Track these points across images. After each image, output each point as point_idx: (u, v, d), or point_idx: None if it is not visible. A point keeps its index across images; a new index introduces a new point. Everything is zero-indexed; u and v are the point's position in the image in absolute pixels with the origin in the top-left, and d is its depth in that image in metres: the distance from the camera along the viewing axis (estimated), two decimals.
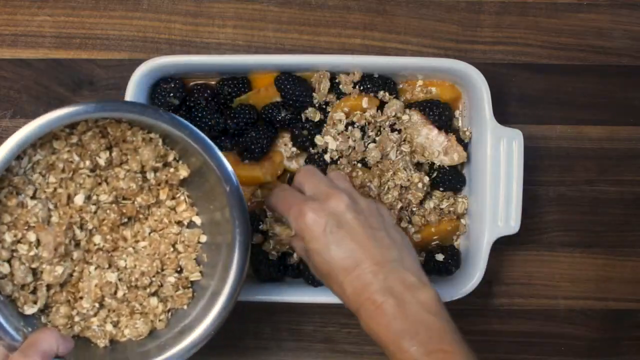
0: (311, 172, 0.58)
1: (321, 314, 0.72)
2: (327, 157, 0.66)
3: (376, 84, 0.67)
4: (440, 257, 0.68)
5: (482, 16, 0.73)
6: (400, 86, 0.69)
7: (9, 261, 0.55)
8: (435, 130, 0.67)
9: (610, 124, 0.74)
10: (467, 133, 0.69)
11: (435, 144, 0.67)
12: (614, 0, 0.74)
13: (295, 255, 0.67)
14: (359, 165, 0.67)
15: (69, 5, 0.72)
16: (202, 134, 0.56)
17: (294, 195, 0.57)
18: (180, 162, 0.60)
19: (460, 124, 0.70)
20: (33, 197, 0.56)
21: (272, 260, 0.67)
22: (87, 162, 0.57)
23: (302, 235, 0.55)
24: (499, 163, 0.66)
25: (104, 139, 0.57)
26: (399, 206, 0.66)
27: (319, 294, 0.66)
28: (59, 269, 0.56)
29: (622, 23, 0.74)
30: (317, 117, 0.66)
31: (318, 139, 0.66)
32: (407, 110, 0.68)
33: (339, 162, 0.66)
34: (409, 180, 0.66)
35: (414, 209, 0.67)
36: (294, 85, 0.66)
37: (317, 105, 0.67)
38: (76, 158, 0.57)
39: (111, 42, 0.72)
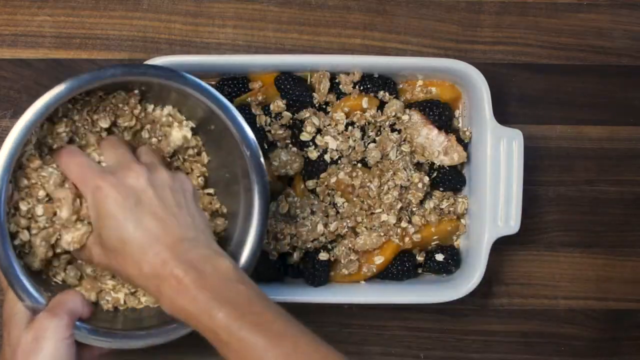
0: (112, 142, 0.56)
1: (321, 314, 0.72)
2: (327, 157, 0.66)
3: (376, 84, 0.67)
4: (440, 257, 0.68)
5: (482, 16, 0.73)
6: (400, 86, 0.69)
7: (27, 229, 0.54)
8: (435, 130, 0.67)
9: (610, 124, 0.74)
10: (467, 133, 0.69)
11: (435, 144, 0.67)
12: (614, 0, 0.74)
13: (295, 255, 0.67)
14: (359, 165, 0.67)
15: (69, 5, 0.72)
16: (225, 99, 0.56)
17: (89, 165, 0.54)
18: (202, 145, 0.60)
19: (460, 124, 0.70)
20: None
21: (272, 260, 0.66)
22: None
23: (96, 209, 0.52)
24: (499, 163, 0.66)
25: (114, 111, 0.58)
26: (398, 206, 0.66)
27: (319, 294, 0.66)
28: (80, 228, 0.54)
29: (622, 23, 0.74)
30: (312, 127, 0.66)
31: (318, 139, 0.66)
32: (407, 110, 0.68)
33: (339, 162, 0.66)
34: (408, 180, 0.66)
35: (414, 209, 0.67)
36: (294, 85, 0.66)
37: (317, 105, 0.67)
38: (103, 124, 0.57)
39: (111, 42, 0.72)
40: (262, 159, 0.57)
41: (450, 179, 0.68)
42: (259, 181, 0.57)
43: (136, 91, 0.58)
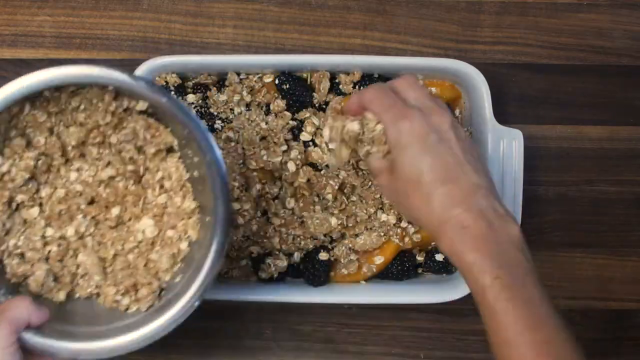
0: (415, 82, 0.55)
1: (321, 314, 0.72)
2: (326, 157, 0.66)
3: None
4: (440, 257, 0.68)
5: (482, 16, 0.73)
6: None
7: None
8: None
9: (610, 124, 0.74)
10: (467, 133, 0.69)
11: None
12: (614, 0, 0.74)
13: (296, 255, 0.67)
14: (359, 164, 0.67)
15: (69, 5, 0.72)
16: (181, 102, 0.54)
17: (395, 98, 0.54)
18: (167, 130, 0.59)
19: (460, 124, 0.70)
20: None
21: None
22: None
23: (395, 138, 0.52)
24: (499, 163, 0.66)
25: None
26: None
27: (319, 294, 0.66)
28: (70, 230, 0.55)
29: (622, 23, 0.74)
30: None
31: (318, 139, 0.66)
32: None
33: None
34: None
35: None
36: (294, 85, 0.66)
37: (317, 105, 0.67)
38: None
39: (111, 42, 0.72)
40: (224, 169, 0.54)
41: None
42: (221, 191, 0.54)
43: (110, 87, 0.56)
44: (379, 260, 0.67)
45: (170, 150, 0.59)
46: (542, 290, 0.50)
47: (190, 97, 0.67)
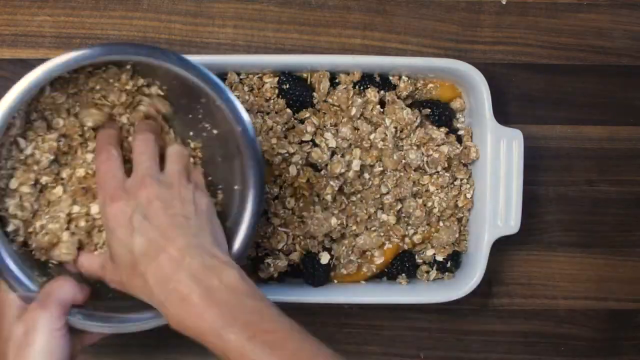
0: (144, 146, 0.55)
1: (321, 314, 0.72)
2: (326, 156, 0.66)
3: (376, 84, 0.68)
4: (440, 257, 0.68)
5: (482, 16, 0.73)
6: (400, 85, 0.69)
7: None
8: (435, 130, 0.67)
9: (610, 124, 0.74)
10: (467, 133, 0.69)
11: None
12: (614, 0, 0.74)
13: (296, 255, 0.67)
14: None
15: (69, 5, 0.72)
16: (212, 74, 0.55)
17: (114, 176, 0.54)
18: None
19: (460, 124, 0.70)
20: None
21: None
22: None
23: (106, 222, 0.53)
24: (499, 163, 0.66)
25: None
26: (398, 206, 0.66)
27: (319, 294, 0.66)
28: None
29: (622, 23, 0.74)
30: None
31: (318, 139, 0.66)
32: (408, 110, 0.67)
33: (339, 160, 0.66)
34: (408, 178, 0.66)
35: (414, 210, 0.67)
36: (294, 85, 0.66)
37: (317, 105, 0.67)
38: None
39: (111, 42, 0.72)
40: (254, 135, 0.55)
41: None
42: (252, 157, 0.55)
43: (128, 66, 0.57)
44: (379, 260, 0.67)
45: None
46: (283, 322, 0.49)
47: None
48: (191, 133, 0.60)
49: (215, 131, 0.58)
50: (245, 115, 0.55)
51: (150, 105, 0.59)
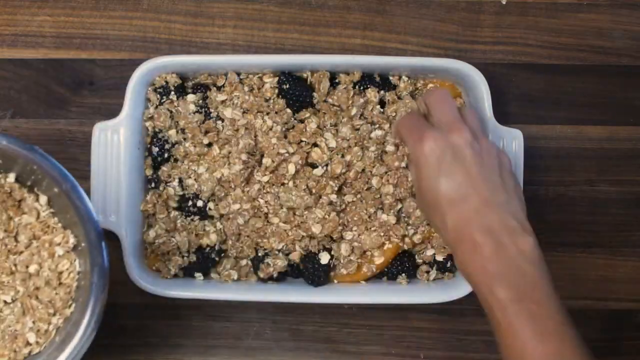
0: (443, 98, 0.58)
1: (321, 314, 0.72)
2: (326, 156, 0.66)
3: (376, 84, 0.68)
4: (440, 257, 0.68)
5: (482, 16, 0.73)
6: (400, 85, 0.69)
7: None
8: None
9: (610, 124, 0.74)
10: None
11: None
12: (614, 0, 0.74)
13: (296, 255, 0.67)
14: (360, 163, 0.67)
15: (69, 5, 0.72)
16: (20, 141, 0.55)
17: (419, 121, 0.58)
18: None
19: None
20: None
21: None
22: None
23: (416, 160, 0.56)
24: None
25: None
26: (398, 206, 0.66)
27: (319, 294, 0.66)
28: None
29: (622, 23, 0.74)
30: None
31: (318, 139, 0.66)
32: (408, 110, 0.67)
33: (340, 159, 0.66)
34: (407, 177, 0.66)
35: (414, 210, 0.67)
36: (294, 85, 0.66)
37: (317, 105, 0.67)
38: None
39: (111, 42, 0.72)
40: (80, 193, 0.54)
41: None
42: (81, 215, 0.54)
43: None
44: (379, 260, 0.67)
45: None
46: (553, 300, 0.51)
47: (190, 97, 0.67)
48: (37, 189, 0.59)
49: (56, 190, 0.56)
50: (63, 172, 0.54)
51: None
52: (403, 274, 0.68)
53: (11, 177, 0.59)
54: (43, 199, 0.59)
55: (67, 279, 0.57)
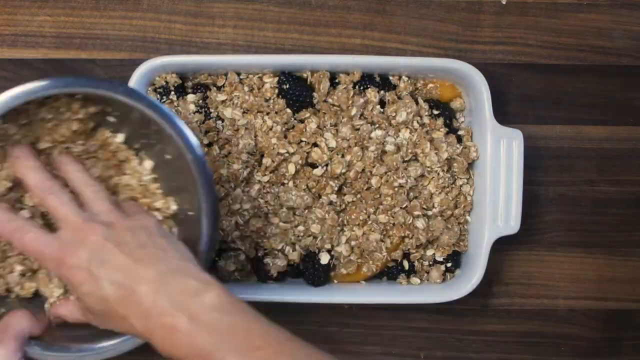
0: (55, 191, 0.53)
1: (321, 314, 0.72)
2: (326, 156, 0.66)
3: (376, 84, 0.68)
4: (440, 257, 0.68)
5: (482, 16, 0.73)
6: (400, 85, 0.69)
7: None
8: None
9: (610, 124, 0.74)
10: (467, 133, 0.69)
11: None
12: (614, 0, 0.74)
13: (296, 255, 0.67)
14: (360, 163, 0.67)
15: (69, 5, 0.72)
16: (160, 104, 0.55)
17: (43, 238, 0.51)
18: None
19: (460, 124, 0.70)
20: None
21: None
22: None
23: (68, 282, 0.51)
24: (499, 163, 0.66)
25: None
26: (398, 207, 0.66)
27: (319, 294, 0.66)
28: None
29: (622, 23, 0.74)
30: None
31: (318, 139, 0.66)
32: (408, 110, 0.67)
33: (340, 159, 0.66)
34: (408, 179, 0.66)
35: (415, 211, 0.67)
36: (294, 85, 0.66)
37: (317, 105, 0.67)
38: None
39: (111, 42, 0.72)
40: (204, 162, 0.55)
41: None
42: (204, 184, 0.55)
43: (79, 95, 0.55)
44: (379, 260, 0.67)
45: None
46: (270, 331, 0.48)
47: (190, 97, 0.67)
48: (145, 153, 0.59)
49: (167, 157, 0.57)
50: (195, 143, 0.55)
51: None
52: (403, 274, 0.68)
53: (120, 137, 0.59)
54: (148, 163, 0.59)
55: None
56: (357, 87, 0.67)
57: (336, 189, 0.66)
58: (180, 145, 0.55)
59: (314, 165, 0.67)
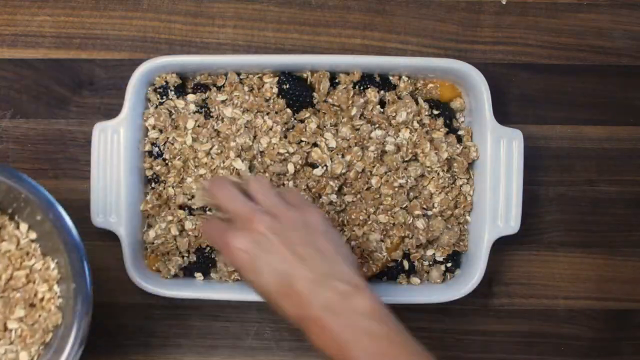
0: (221, 186, 0.57)
1: None
2: (326, 156, 0.66)
3: (376, 84, 0.68)
4: (440, 257, 0.68)
5: (482, 16, 0.73)
6: (400, 85, 0.69)
7: None
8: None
9: (610, 124, 0.74)
10: (467, 133, 0.69)
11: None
12: (614, 0, 0.74)
13: None
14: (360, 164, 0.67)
15: (69, 5, 0.72)
16: (9, 170, 0.55)
17: (217, 225, 0.56)
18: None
19: (460, 124, 0.70)
20: None
21: None
22: None
23: (234, 265, 0.56)
24: (499, 163, 0.66)
25: None
26: (398, 206, 0.66)
27: None
28: None
29: (622, 23, 0.74)
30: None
31: (318, 139, 0.66)
32: (408, 110, 0.67)
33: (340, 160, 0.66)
34: (408, 179, 0.66)
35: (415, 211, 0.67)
36: (294, 85, 0.66)
37: (317, 105, 0.67)
38: None
39: (111, 42, 0.72)
40: (71, 231, 0.55)
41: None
42: (69, 245, 0.55)
43: None
44: (379, 260, 0.67)
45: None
46: (406, 343, 0.51)
47: (190, 97, 0.67)
48: (19, 217, 0.59)
49: (38, 217, 0.57)
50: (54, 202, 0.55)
51: None
52: (403, 274, 0.68)
53: None
54: (24, 226, 0.59)
55: (47, 304, 0.58)
56: (357, 87, 0.67)
57: (336, 189, 0.66)
58: (40, 204, 0.55)
59: (314, 165, 0.67)
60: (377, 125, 0.67)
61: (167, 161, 0.67)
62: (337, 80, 0.68)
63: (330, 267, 0.53)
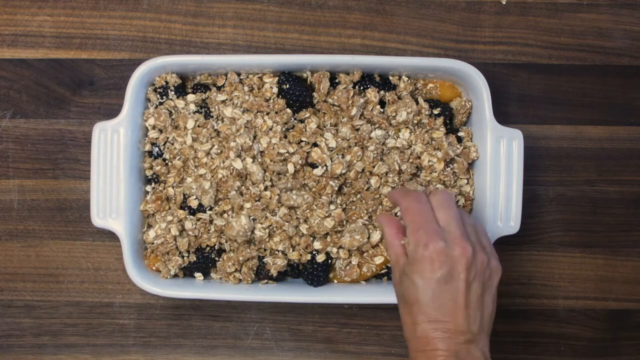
0: (449, 203, 0.57)
1: (321, 314, 0.72)
2: (326, 156, 0.66)
3: (376, 84, 0.68)
4: None
5: (482, 16, 0.73)
6: (400, 85, 0.69)
7: None
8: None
9: (610, 124, 0.74)
10: (468, 133, 0.69)
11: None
12: (614, 0, 0.74)
13: (295, 254, 0.67)
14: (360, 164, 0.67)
15: (69, 5, 0.72)
16: None
17: (430, 218, 0.56)
18: None
19: (460, 124, 0.70)
20: None
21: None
22: None
23: (413, 259, 0.54)
24: (499, 163, 0.66)
25: None
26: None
27: (319, 294, 0.66)
28: None
29: (622, 23, 0.74)
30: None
31: (318, 139, 0.66)
32: (408, 110, 0.67)
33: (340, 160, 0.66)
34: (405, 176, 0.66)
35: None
36: (294, 85, 0.66)
37: (317, 105, 0.67)
38: None
39: (111, 42, 0.72)
40: None
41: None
42: None
43: None
44: (378, 260, 0.67)
45: None
46: None
47: (190, 97, 0.67)
48: None
49: None
50: None
51: None
52: None
53: None
54: None
55: None
56: (357, 87, 0.67)
57: (336, 188, 0.66)
58: None
59: (314, 165, 0.67)
60: (377, 125, 0.67)
61: (167, 161, 0.67)
62: (337, 80, 0.68)
63: (479, 332, 0.54)
